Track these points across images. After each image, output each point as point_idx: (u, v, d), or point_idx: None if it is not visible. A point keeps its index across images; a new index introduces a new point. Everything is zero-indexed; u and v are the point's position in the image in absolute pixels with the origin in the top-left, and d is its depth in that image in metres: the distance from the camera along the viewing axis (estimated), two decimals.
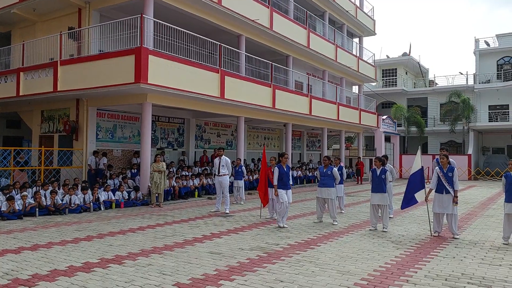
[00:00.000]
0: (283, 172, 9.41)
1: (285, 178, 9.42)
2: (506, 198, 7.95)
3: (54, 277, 5.43)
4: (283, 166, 9.50)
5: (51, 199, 11.10)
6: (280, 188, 9.37)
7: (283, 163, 9.57)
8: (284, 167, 9.49)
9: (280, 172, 9.41)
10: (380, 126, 30.60)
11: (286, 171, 9.46)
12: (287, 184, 9.46)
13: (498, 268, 6.12)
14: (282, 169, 9.43)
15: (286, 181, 9.43)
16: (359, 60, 28.52)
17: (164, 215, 11.02)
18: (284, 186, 9.41)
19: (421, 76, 41.64)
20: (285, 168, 9.51)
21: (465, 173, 29.94)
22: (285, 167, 9.51)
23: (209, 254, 6.78)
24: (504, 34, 36.61)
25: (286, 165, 9.58)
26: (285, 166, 9.56)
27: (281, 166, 9.49)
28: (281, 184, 9.39)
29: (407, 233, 8.84)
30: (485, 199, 16.65)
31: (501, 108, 34.25)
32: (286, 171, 9.45)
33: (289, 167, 9.72)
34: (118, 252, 6.83)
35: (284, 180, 9.41)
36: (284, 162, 9.60)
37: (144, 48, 12.24)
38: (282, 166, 9.48)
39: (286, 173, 9.42)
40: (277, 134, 26.21)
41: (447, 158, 8.60)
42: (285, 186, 9.42)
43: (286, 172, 9.43)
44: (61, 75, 13.88)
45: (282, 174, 9.40)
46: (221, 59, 15.47)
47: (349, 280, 5.46)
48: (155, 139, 17.37)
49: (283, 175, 9.40)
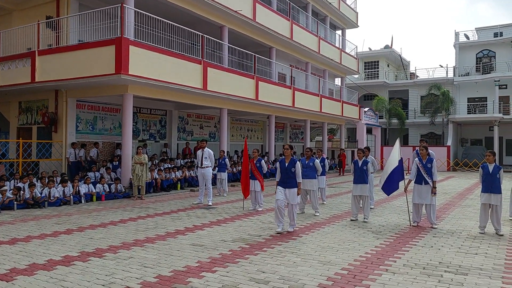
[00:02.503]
0: (283, 168, 8.07)
1: (284, 174, 8.00)
2: (482, 189, 8.15)
3: (33, 271, 5.34)
4: (286, 160, 8.08)
5: (30, 192, 10.89)
6: (279, 185, 8.10)
7: (286, 156, 8.15)
8: (286, 162, 8.05)
9: (280, 167, 8.15)
10: (362, 118, 30.89)
11: (288, 166, 7.98)
12: (286, 182, 7.97)
13: (474, 257, 6.29)
14: (282, 164, 8.10)
15: (284, 177, 7.99)
16: (342, 53, 28.65)
17: (146, 208, 10.94)
18: (283, 184, 8.02)
19: (402, 69, 42.11)
20: (288, 162, 8.03)
21: (444, 164, 30.52)
22: (287, 161, 8.04)
23: (191, 246, 6.77)
24: (483, 28, 37.29)
25: (292, 159, 8.06)
26: (290, 160, 8.06)
27: (283, 160, 8.14)
28: (280, 181, 8.10)
29: (387, 223, 8.99)
30: (463, 189, 17.03)
31: (480, 100, 34.94)
32: (287, 166, 7.98)
33: (295, 160, 8.09)
34: (98, 245, 6.76)
35: (283, 177, 8.03)
36: (287, 155, 8.13)
37: (124, 38, 12.03)
38: (283, 160, 8.12)
39: (286, 169, 7.99)
40: (260, 126, 26.22)
41: (426, 150, 8.76)
42: (283, 183, 8.01)
43: (286, 168, 7.99)
44: (39, 66, 13.56)
45: (281, 169, 8.09)
46: (203, 50, 15.33)
47: (330, 270, 5.53)
48: (136, 131, 17.17)
49: (282, 170, 8.09)
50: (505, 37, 34.75)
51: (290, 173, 7.94)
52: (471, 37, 37.57)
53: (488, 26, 37.15)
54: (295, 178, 7.95)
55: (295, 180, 7.96)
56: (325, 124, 27.48)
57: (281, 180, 8.04)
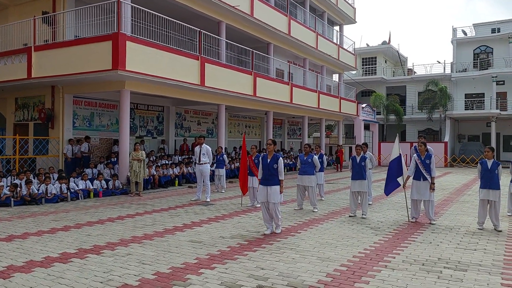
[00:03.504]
0: (264, 164, 7.58)
1: (266, 171, 7.52)
2: (481, 185, 8.15)
3: (30, 268, 5.30)
4: (268, 157, 7.62)
5: (27, 189, 10.82)
6: (260, 183, 7.66)
7: (269, 152, 7.68)
8: (269, 158, 7.58)
9: (262, 163, 7.68)
10: (359, 114, 30.88)
11: (270, 162, 7.49)
12: (268, 179, 7.49)
13: (473, 253, 6.28)
14: (264, 161, 7.64)
15: (266, 175, 7.51)
16: (340, 48, 28.59)
17: (144, 204, 10.90)
18: (265, 181, 7.53)
19: (400, 65, 42.08)
20: (271, 159, 7.55)
21: (442, 160, 30.57)
22: (270, 158, 7.57)
23: (190, 242, 6.74)
24: (481, 24, 37.26)
25: (274, 155, 7.57)
26: (272, 156, 7.58)
27: (265, 157, 7.69)
28: (262, 179, 7.64)
29: (385, 219, 8.98)
30: (461, 185, 17.06)
31: (477, 96, 34.98)
32: (269, 162, 7.50)
33: (278, 156, 7.57)
34: (96, 242, 6.72)
35: (264, 174, 7.55)
36: (269, 151, 7.67)
37: (121, 34, 11.94)
38: (265, 157, 7.67)
39: (267, 165, 7.51)
40: (258, 122, 26.17)
41: (425, 146, 8.75)
42: (265, 180, 7.52)
43: (268, 164, 7.50)
44: (35, 61, 13.45)
45: (263, 166, 7.62)
46: (201, 46, 15.25)
47: (329, 266, 5.51)
48: (134, 127, 17.10)
49: (263, 167, 7.61)
50: (502, 33, 34.77)
51: (272, 170, 7.44)
52: (469, 33, 37.55)
53: (486, 22, 37.12)
54: (277, 175, 7.46)
55: (277, 177, 7.46)
56: (323, 120, 27.45)
57: (263, 177, 7.57)
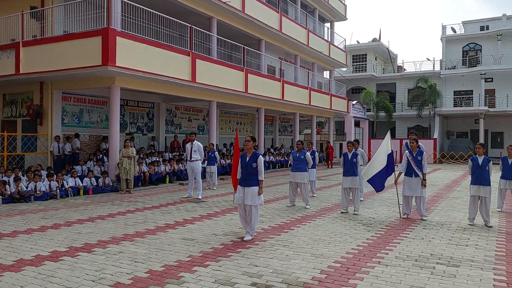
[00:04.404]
0: (243, 163, 6.90)
1: (244, 171, 6.86)
2: (472, 181, 8.21)
3: (20, 267, 5.21)
4: (247, 155, 6.93)
5: (15, 187, 10.65)
6: (239, 184, 6.94)
7: (247, 150, 6.99)
8: (248, 156, 6.89)
9: (240, 162, 6.98)
10: (350, 111, 31.00)
11: (249, 161, 6.82)
12: (246, 179, 6.81)
13: (465, 248, 6.33)
14: (243, 159, 6.93)
15: (245, 175, 6.84)
16: (331, 45, 28.63)
17: (135, 202, 10.80)
18: (243, 181, 6.85)
19: (390, 62, 42.31)
20: (250, 157, 6.87)
21: (431, 157, 30.85)
22: (249, 156, 6.88)
23: (182, 240, 6.69)
24: (470, 21, 37.60)
25: (254, 153, 6.91)
26: (251, 154, 6.90)
27: (244, 155, 6.98)
28: (240, 179, 6.94)
29: (377, 216, 9.02)
30: (450, 181, 17.22)
31: (466, 93, 35.32)
32: (248, 161, 6.82)
33: (257, 154, 6.90)
34: (87, 240, 6.63)
35: (243, 174, 6.87)
36: (248, 148, 6.97)
37: (111, 29, 11.79)
38: (244, 155, 6.96)
39: (246, 164, 6.84)
40: (250, 119, 26.12)
41: (416, 142, 8.79)
42: (243, 181, 6.84)
43: (247, 163, 6.83)
44: (23, 57, 13.22)
45: (241, 165, 6.94)
46: (192, 42, 15.13)
47: (323, 263, 5.50)
48: (124, 124, 16.93)
49: (242, 166, 6.92)
50: (491, 31, 35.12)
51: (251, 169, 6.78)
52: (458, 31, 37.87)
53: (475, 20, 37.47)
54: (256, 175, 6.81)
55: (256, 177, 6.80)
56: (314, 117, 27.50)
57: (242, 177, 6.90)
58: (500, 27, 34.51)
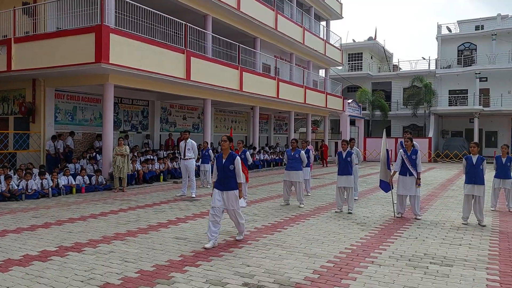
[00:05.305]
0: (219, 165, 6.36)
1: (221, 173, 6.32)
2: (466, 180, 8.18)
3: (8, 267, 5.12)
4: (223, 156, 6.38)
5: (6, 185, 10.53)
6: (215, 187, 6.40)
7: (223, 150, 6.43)
8: (224, 158, 6.35)
9: (217, 164, 6.44)
10: (345, 110, 30.99)
11: (226, 163, 6.29)
12: (224, 183, 6.29)
13: (459, 248, 6.30)
14: (219, 161, 6.40)
15: (222, 177, 6.31)
16: (326, 44, 28.59)
17: (128, 200, 10.71)
18: (220, 185, 6.33)
19: (385, 61, 42.34)
20: (226, 158, 6.33)
21: (426, 156, 30.90)
22: (225, 157, 6.34)
23: (174, 239, 6.62)
24: (465, 21, 37.68)
25: (231, 153, 6.37)
26: (228, 155, 6.35)
27: (219, 156, 6.45)
28: (216, 182, 6.41)
29: (371, 215, 8.98)
30: (445, 180, 17.24)
31: (461, 92, 35.41)
32: (225, 163, 6.30)
33: (234, 155, 6.36)
34: (78, 239, 6.54)
35: (220, 176, 6.34)
36: (224, 149, 6.40)
37: (104, 26, 11.67)
38: (220, 156, 6.43)
39: (223, 166, 6.31)
40: (245, 117, 26.04)
41: (411, 141, 8.75)
42: (220, 184, 6.33)
43: (223, 165, 6.30)
44: (15, 54, 13.07)
45: (218, 167, 6.40)
46: (186, 40, 15.02)
47: (316, 262, 5.45)
48: (118, 121, 16.80)
49: (218, 169, 6.39)
50: (486, 30, 35.22)
51: (228, 171, 6.27)
52: (453, 30, 37.93)
53: (470, 19, 37.54)
54: (234, 177, 6.32)
55: (234, 179, 6.32)
56: (309, 116, 27.46)
57: (218, 180, 6.37)
58: (495, 27, 34.63)
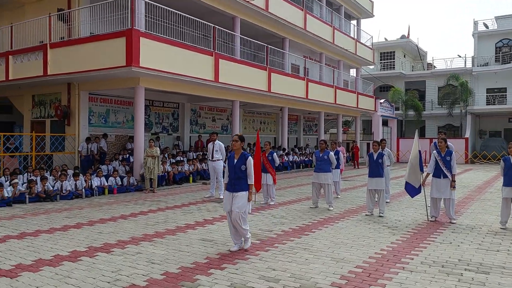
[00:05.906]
0: (230, 166, 6.16)
1: (232, 174, 6.11)
2: (504, 182, 7.80)
3: (38, 267, 5.25)
4: (235, 156, 6.19)
5: (42, 186, 10.88)
6: (226, 189, 6.21)
7: (235, 150, 6.26)
8: (236, 158, 6.16)
9: (228, 165, 6.25)
10: (377, 110, 30.35)
11: (237, 163, 6.09)
12: (234, 184, 6.07)
13: (496, 254, 5.99)
14: (230, 161, 6.21)
15: (233, 178, 6.09)
16: (357, 43, 28.10)
17: (158, 201, 10.85)
18: (231, 186, 6.11)
19: (419, 59, 41.22)
20: (238, 158, 6.13)
21: (462, 157, 29.84)
22: (237, 157, 6.15)
23: (201, 241, 6.62)
24: (503, 16, 36.10)
25: (243, 153, 6.17)
26: (240, 155, 6.16)
27: (231, 156, 6.25)
28: (228, 183, 6.20)
29: (403, 218, 8.70)
30: (482, 182, 16.55)
31: (499, 91, 33.99)
32: (236, 163, 6.10)
33: (246, 155, 6.16)
34: (107, 240, 6.66)
35: (231, 178, 6.13)
36: (236, 149, 6.24)
37: (135, 30, 11.88)
38: (232, 156, 6.23)
39: (234, 167, 6.11)
40: (273, 118, 25.95)
41: (445, 142, 8.43)
42: (231, 186, 6.11)
43: (235, 165, 6.10)
44: (51, 59, 13.52)
45: (229, 168, 6.20)
46: (215, 42, 15.10)
47: (344, 268, 5.30)
48: (149, 124, 17.10)
49: (229, 169, 6.19)
50: None
51: (240, 172, 6.06)
52: (491, 26, 36.46)
53: (508, 15, 35.92)
54: (245, 178, 6.10)
55: (245, 181, 6.10)
56: (340, 116, 27.06)
57: (229, 182, 6.15)
58: None
